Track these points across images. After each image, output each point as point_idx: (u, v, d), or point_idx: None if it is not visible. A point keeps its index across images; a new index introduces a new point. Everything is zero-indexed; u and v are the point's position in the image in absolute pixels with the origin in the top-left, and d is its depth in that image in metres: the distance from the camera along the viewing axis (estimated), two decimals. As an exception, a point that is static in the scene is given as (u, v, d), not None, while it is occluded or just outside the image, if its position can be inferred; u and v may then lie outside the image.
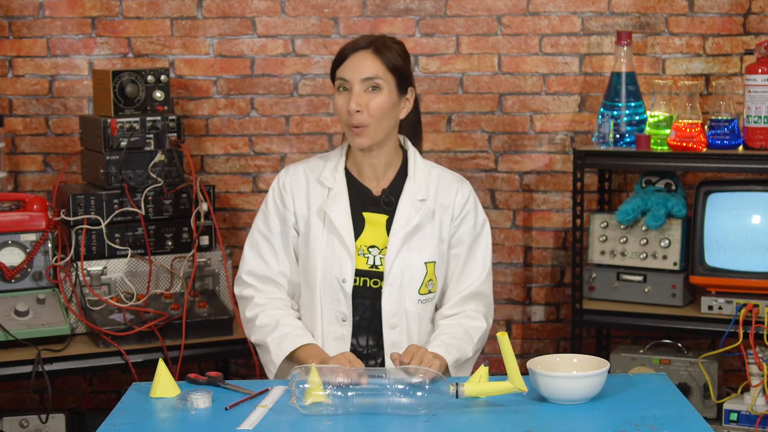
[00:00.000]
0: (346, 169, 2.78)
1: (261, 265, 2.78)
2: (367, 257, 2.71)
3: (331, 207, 2.72)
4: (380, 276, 2.71)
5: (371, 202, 2.75)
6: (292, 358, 2.67)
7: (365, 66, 2.66)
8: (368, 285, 2.71)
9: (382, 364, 2.72)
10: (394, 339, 2.71)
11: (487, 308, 2.82)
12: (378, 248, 2.72)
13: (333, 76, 2.73)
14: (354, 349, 2.72)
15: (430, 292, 2.75)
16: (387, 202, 2.74)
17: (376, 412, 2.28)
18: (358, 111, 2.64)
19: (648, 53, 3.99)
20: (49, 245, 3.45)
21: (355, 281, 2.70)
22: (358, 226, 2.73)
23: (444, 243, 2.77)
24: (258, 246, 2.79)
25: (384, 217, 2.74)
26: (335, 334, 2.71)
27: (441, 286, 2.79)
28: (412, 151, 2.81)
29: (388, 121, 2.70)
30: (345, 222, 2.71)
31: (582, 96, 4.03)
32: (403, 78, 2.72)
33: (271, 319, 2.72)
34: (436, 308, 2.82)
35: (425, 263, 2.73)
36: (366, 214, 2.74)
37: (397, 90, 2.70)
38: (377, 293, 2.71)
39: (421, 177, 2.77)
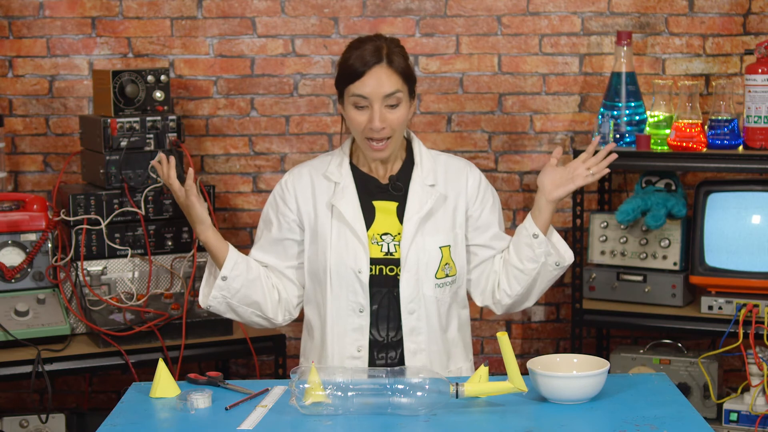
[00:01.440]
0: (351, 164, 2.79)
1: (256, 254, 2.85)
2: (381, 245, 2.72)
3: (339, 200, 2.73)
4: (396, 263, 2.71)
5: (380, 190, 2.77)
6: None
7: (384, 82, 2.65)
8: (384, 273, 2.72)
9: (402, 355, 2.72)
10: (412, 325, 2.72)
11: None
12: (391, 235, 2.73)
13: (342, 88, 2.71)
14: (373, 339, 2.72)
15: (447, 276, 2.75)
16: (396, 188, 2.75)
17: (376, 412, 2.28)
18: (382, 128, 2.66)
19: (648, 53, 3.99)
20: (49, 245, 3.45)
21: (371, 270, 2.71)
22: (369, 215, 2.74)
23: (460, 227, 2.78)
24: (258, 240, 2.85)
25: (394, 204, 2.75)
26: (353, 326, 2.72)
27: (461, 271, 2.79)
28: (416, 142, 2.83)
29: (405, 128, 2.74)
30: (355, 213, 2.72)
31: (582, 96, 4.03)
32: (413, 82, 2.74)
33: None
34: (466, 297, 2.85)
35: (440, 247, 2.74)
36: (376, 203, 2.76)
37: (409, 96, 2.72)
38: (394, 280, 2.71)
39: (428, 164, 2.79)
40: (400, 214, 2.74)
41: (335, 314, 2.73)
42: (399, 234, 2.72)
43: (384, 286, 2.72)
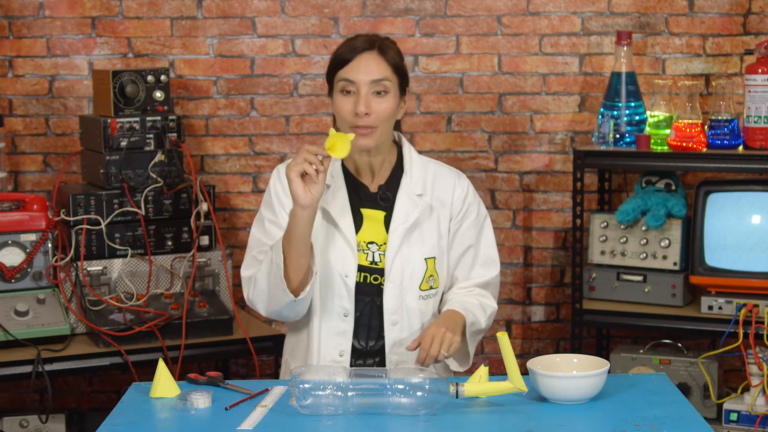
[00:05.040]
0: (342, 166, 2.78)
1: (263, 245, 2.70)
2: (367, 253, 2.71)
3: (330, 203, 2.71)
4: (380, 272, 2.70)
5: (368, 198, 2.75)
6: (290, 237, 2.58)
7: (372, 67, 2.65)
8: (368, 281, 2.70)
9: (382, 362, 2.72)
10: (395, 336, 2.71)
11: (495, 292, 2.85)
12: (377, 244, 2.72)
13: (332, 78, 2.71)
14: (354, 347, 2.71)
15: (431, 288, 2.74)
16: (384, 198, 2.74)
17: (376, 412, 2.28)
18: (366, 114, 2.63)
19: (648, 53, 3.99)
20: (49, 245, 3.45)
21: (356, 277, 2.70)
22: (357, 223, 2.72)
23: (443, 239, 2.76)
24: (268, 231, 2.72)
25: (381, 214, 2.74)
26: (336, 330, 2.70)
27: (444, 283, 2.78)
28: (407, 147, 2.80)
29: (391, 123, 2.71)
30: (346, 218, 2.71)
31: (582, 96, 4.03)
32: (404, 78, 2.73)
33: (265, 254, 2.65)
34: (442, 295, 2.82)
35: (425, 259, 2.73)
36: (364, 211, 2.74)
37: (399, 91, 2.71)
38: (378, 290, 2.70)
39: (417, 172, 2.77)
40: (387, 223, 2.72)
41: (321, 316, 2.71)
42: (384, 243, 2.71)
43: (367, 295, 2.71)
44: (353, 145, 2.65)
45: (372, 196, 2.75)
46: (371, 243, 2.72)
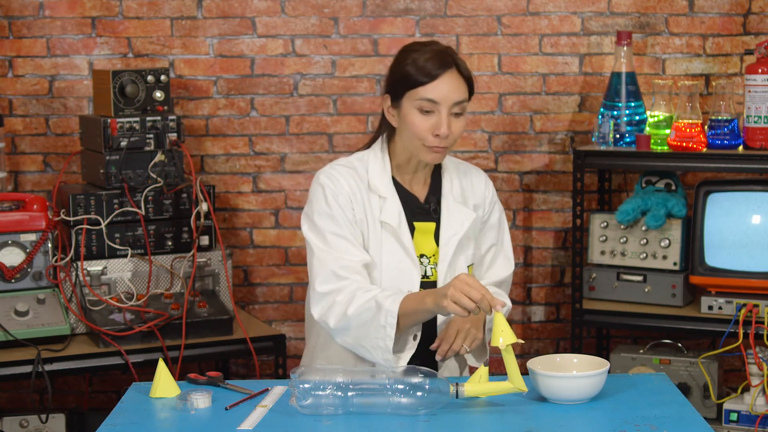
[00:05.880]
0: (393, 177, 2.70)
1: (340, 260, 2.59)
2: (420, 268, 2.67)
3: (391, 218, 2.64)
4: (433, 286, 2.65)
5: (420, 210, 2.70)
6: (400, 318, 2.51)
7: (456, 88, 2.58)
8: None
9: (426, 363, 2.66)
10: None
11: (508, 289, 2.85)
12: (427, 257, 2.68)
13: (403, 92, 2.60)
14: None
15: None
16: (435, 210, 2.71)
17: (376, 412, 2.28)
18: (448, 135, 2.58)
19: (648, 53, 3.99)
20: (49, 245, 3.45)
21: None
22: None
23: (476, 241, 2.76)
24: (334, 245, 2.61)
25: (432, 225, 2.70)
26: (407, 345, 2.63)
27: None
28: None
29: None
30: (407, 233, 2.65)
31: (582, 96, 4.03)
32: (472, 93, 2.66)
33: (367, 297, 2.53)
34: None
35: (467, 266, 2.72)
36: (417, 224, 2.69)
37: None
38: None
39: (456, 176, 2.75)
40: (436, 234, 2.69)
41: None
42: (434, 255, 2.69)
43: None
44: (419, 159, 2.63)
45: (424, 208, 2.71)
46: (422, 256, 2.68)
